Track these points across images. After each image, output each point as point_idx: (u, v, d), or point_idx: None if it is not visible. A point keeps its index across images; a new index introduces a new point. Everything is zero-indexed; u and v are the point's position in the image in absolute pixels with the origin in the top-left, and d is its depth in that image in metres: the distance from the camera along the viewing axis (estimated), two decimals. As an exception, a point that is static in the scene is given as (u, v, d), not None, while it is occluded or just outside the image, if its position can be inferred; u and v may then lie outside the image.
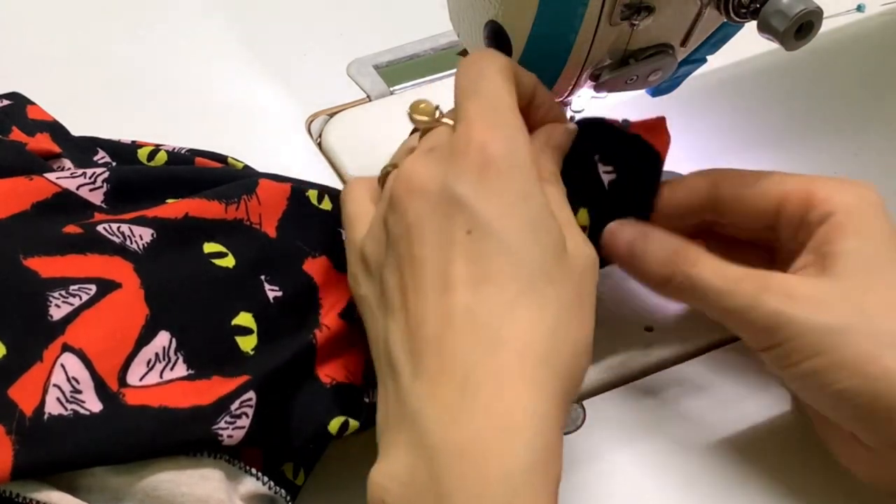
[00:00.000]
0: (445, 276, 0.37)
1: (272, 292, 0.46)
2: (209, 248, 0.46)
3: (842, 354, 0.40)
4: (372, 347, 0.41)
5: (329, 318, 0.45)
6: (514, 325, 0.36)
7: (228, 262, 0.46)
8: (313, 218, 0.49)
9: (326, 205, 0.50)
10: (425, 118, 0.43)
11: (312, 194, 0.50)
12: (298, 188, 0.49)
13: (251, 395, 0.41)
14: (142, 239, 0.44)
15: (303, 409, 0.43)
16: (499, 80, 0.42)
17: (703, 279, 0.43)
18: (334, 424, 0.43)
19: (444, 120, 0.43)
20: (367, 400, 0.45)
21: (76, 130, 0.56)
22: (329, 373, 0.44)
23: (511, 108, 0.41)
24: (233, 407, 0.41)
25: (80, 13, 0.73)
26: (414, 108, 0.44)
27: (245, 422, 0.41)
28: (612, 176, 0.47)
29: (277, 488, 0.42)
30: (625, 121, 0.50)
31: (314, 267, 0.48)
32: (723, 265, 0.43)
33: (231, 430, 0.40)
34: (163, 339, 0.42)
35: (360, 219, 0.43)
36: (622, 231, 0.46)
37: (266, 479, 0.42)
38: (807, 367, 0.40)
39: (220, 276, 0.45)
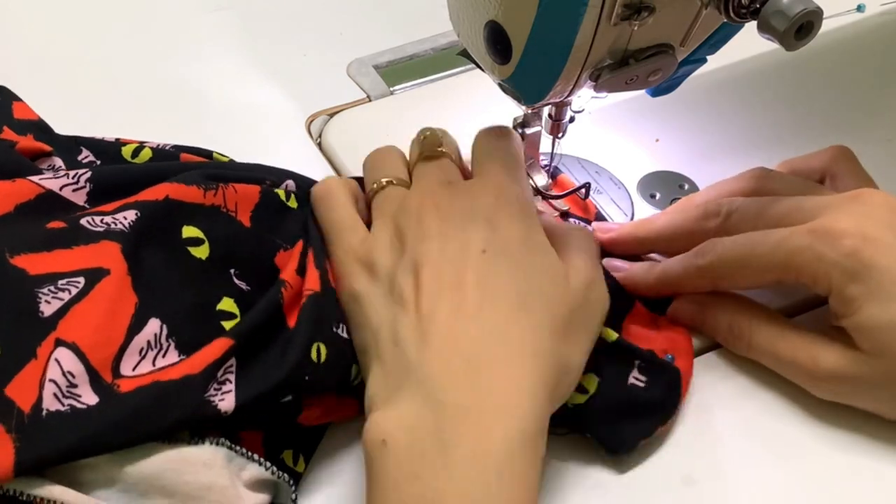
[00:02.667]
0: (460, 277, 0.44)
1: (241, 284, 0.47)
2: (188, 231, 0.46)
3: None
4: (365, 333, 0.45)
5: (287, 275, 0.46)
6: (513, 328, 0.43)
7: (202, 252, 0.46)
8: (284, 213, 0.50)
9: (293, 203, 0.51)
10: (434, 150, 0.51)
11: (280, 193, 0.51)
12: (267, 188, 0.50)
13: (231, 360, 0.42)
14: (126, 219, 0.45)
15: (278, 354, 0.43)
16: (516, 149, 0.51)
17: (760, 353, 0.50)
18: (313, 352, 0.44)
19: (448, 153, 0.51)
20: (338, 332, 0.46)
21: (75, 130, 0.56)
22: (295, 317, 0.45)
23: (525, 177, 0.51)
24: (218, 374, 0.42)
25: (79, 13, 0.73)
26: (426, 139, 0.51)
27: (230, 386, 0.42)
28: None
29: (281, 473, 0.43)
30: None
31: (285, 259, 0.49)
32: (774, 339, 0.50)
33: (221, 395, 0.41)
34: (153, 326, 0.42)
35: (354, 225, 0.49)
36: (681, 310, 0.52)
37: (269, 464, 0.42)
38: None
39: (196, 265, 0.46)
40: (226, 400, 0.41)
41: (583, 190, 0.58)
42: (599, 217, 0.58)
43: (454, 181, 0.49)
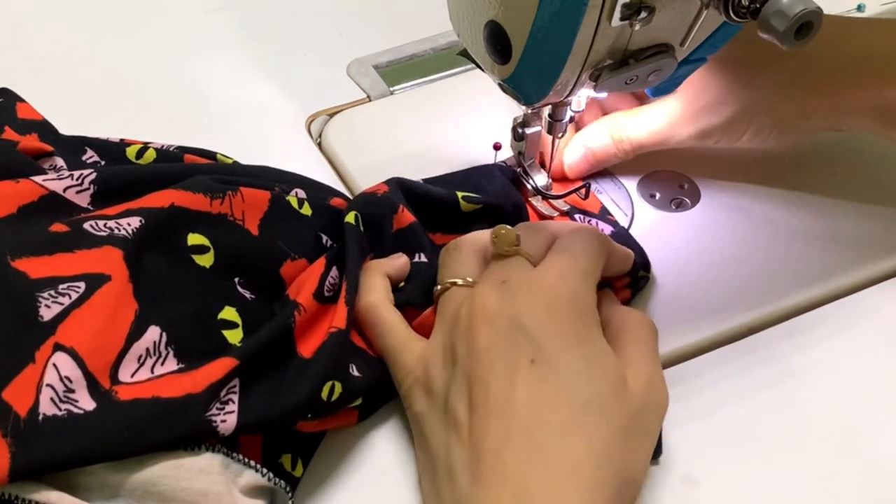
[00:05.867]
0: (508, 397, 0.42)
1: (245, 293, 0.47)
2: (193, 239, 0.46)
3: None
4: (427, 457, 0.45)
5: (303, 298, 0.46)
6: (566, 446, 0.41)
7: (207, 260, 0.46)
8: (295, 220, 0.50)
9: (306, 210, 0.51)
10: (507, 248, 0.47)
11: (292, 200, 0.50)
12: (278, 195, 0.50)
13: (235, 381, 0.42)
14: (129, 225, 0.44)
15: (289, 384, 0.43)
16: (592, 252, 0.48)
17: (639, 141, 0.58)
18: (325, 390, 0.44)
19: (523, 252, 0.48)
20: (352, 371, 0.46)
21: (76, 130, 0.56)
22: (310, 347, 0.45)
23: (589, 273, 0.47)
24: (221, 394, 0.41)
25: (80, 13, 0.73)
26: (498, 237, 0.48)
27: (233, 406, 0.41)
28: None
29: (277, 479, 0.43)
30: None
31: (291, 270, 0.49)
32: (648, 124, 0.57)
33: (223, 416, 0.41)
34: (153, 333, 0.42)
35: (409, 345, 0.47)
36: (573, 157, 0.59)
37: (265, 470, 0.42)
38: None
39: (199, 273, 0.46)
40: (227, 421, 0.41)
41: (583, 190, 0.58)
42: (604, 211, 0.58)
43: (510, 279, 0.46)
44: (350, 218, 0.50)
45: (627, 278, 0.52)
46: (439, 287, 0.48)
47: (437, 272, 0.50)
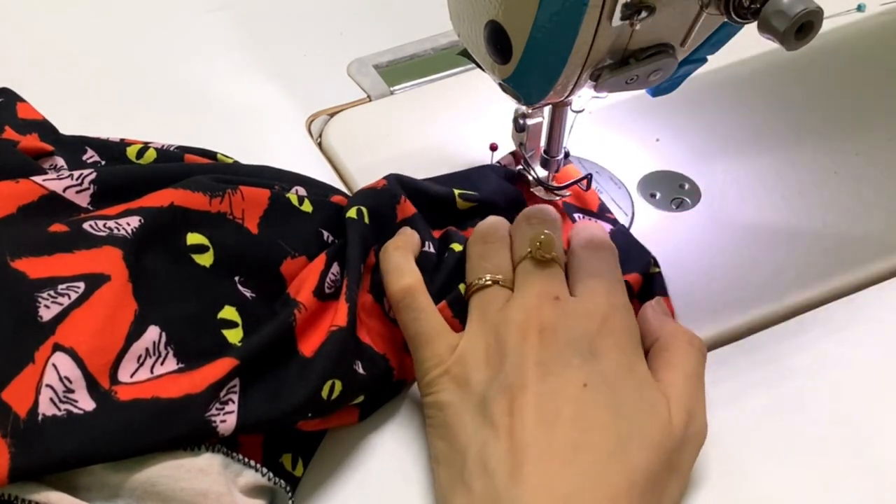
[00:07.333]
0: (557, 411, 0.43)
1: (246, 292, 0.47)
2: (192, 238, 0.46)
3: None
4: (448, 447, 0.45)
5: (304, 297, 0.46)
6: (610, 473, 0.41)
7: (206, 259, 0.46)
8: (295, 218, 0.50)
9: (307, 207, 0.51)
10: (548, 255, 0.48)
11: (292, 197, 0.50)
12: (278, 193, 0.50)
13: (235, 381, 0.42)
14: (129, 225, 0.44)
15: (289, 384, 0.43)
16: (616, 265, 0.50)
17: None
18: (325, 389, 0.44)
19: (559, 259, 0.49)
20: (356, 369, 0.46)
21: (76, 129, 0.56)
22: (311, 346, 0.45)
23: (624, 291, 0.49)
24: (221, 394, 0.41)
25: (81, 13, 0.73)
26: (542, 244, 0.48)
27: (233, 407, 0.41)
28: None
29: (277, 479, 0.43)
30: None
31: (292, 268, 0.49)
32: None
33: (223, 416, 0.41)
34: (152, 333, 0.42)
35: (444, 334, 0.47)
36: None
37: (265, 470, 0.42)
38: None
39: (199, 272, 0.46)
40: (227, 421, 0.41)
41: (584, 182, 0.58)
42: (603, 208, 0.58)
43: (560, 296, 0.47)
44: (352, 213, 0.50)
45: (641, 279, 0.52)
46: (479, 281, 0.48)
47: (467, 264, 0.50)
